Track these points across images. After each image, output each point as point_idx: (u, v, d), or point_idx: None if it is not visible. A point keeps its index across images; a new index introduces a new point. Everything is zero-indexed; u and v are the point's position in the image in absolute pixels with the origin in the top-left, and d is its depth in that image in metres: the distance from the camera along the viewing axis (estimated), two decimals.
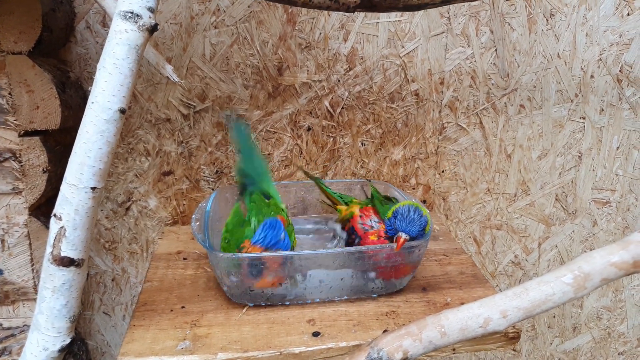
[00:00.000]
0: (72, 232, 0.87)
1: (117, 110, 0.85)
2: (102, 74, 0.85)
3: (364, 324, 1.03)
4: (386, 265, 1.08)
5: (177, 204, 1.47)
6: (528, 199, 1.62)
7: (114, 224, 1.45)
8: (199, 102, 1.39)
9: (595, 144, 1.59)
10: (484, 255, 1.66)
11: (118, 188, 1.43)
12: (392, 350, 0.85)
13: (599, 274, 0.82)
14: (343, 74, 1.42)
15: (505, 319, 0.83)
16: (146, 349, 0.94)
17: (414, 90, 1.47)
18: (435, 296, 1.14)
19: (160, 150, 1.42)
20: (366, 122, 1.48)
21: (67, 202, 0.86)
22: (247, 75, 1.39)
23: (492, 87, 1.50)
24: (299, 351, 0.95)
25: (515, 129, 1.55)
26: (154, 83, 1.36)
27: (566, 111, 1.55)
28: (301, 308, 1.08)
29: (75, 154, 0.85)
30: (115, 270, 1.50)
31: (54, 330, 0.91)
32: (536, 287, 0.84)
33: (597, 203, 1.65)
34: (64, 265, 0.88)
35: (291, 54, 1.39)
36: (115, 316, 1.55)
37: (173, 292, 1.13)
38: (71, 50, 1.31)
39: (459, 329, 0.84)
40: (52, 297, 0.90)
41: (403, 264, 1.09)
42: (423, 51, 1.44)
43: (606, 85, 1.53)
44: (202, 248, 1.31)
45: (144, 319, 1.03)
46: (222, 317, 1.04)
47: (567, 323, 1.78)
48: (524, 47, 1.47)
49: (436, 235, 1.41)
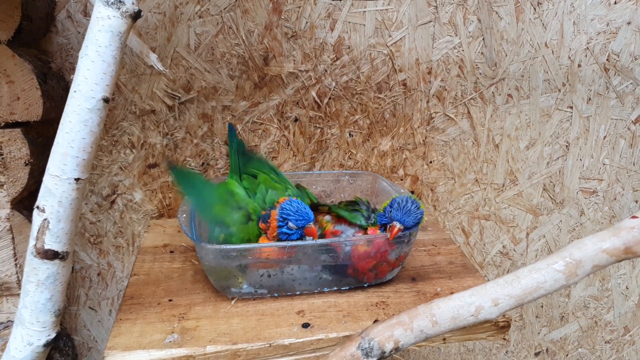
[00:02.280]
0: (55, 225, 0.85)
1: (100, 99, 0.83)
2: (85, 62, 0.83)
3: (353, 314, 1.02)
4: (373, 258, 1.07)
5: (162, 196, 1.44)
6: (516, 189, 1.63)
7: (99, 217, 1.43)
8: (184, 93, 1.37)
9: (582, 133, 1.60)
10: (473, 245, 1.67)
11: (102, 181, 1.40)
12: (383, 340, 0.85)
13: (591, 261, 0.82)
14: (330, 64, 1.41)
15: (497, 307, 0.83)
16: (133, 343, 0.93)
17: (401, 80, 1.46)
18: (425, 286, 1.14)
19: (145, 142, 1.39)
20: (354, 113, 1.47)
21: (50, 193, 0.84)
22: (232, 65, 1.37)
23: (480, 76, 1.49)
24: (288, 343, 0.95)
25: (503, 119, 1.55)
26: (138, 74, 1.33)
27: (554, 100, 1.55)
28: (290, 300, 1.07)
29: (58, 144, 0.83)
30: (101, 265, 1.48)
31: (39, 325, 0.90)
32: (528, 275, 0.83)
33: (585, 192, 1.66)
34: (48, 258, 0.86)
35: (277, 44, 1.37)
36: (102, 311, 1.52)
37: (160, 286, 1.11)
38: (52, 40, 1.28)
39: (450, 317, 0.84)
40: (36, 290, 0.87)
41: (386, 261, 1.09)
42: (410, 40, 1.43)
43: (593, 74, 1.54)
44: (189, 241, 1.29)
45: (131, 313, 1.01)
46: (210, 310, 1.03)
47: (554, 312, 1.79)
48: (511, 36, 1.47)
49: (425, 226, 1.41)
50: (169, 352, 0.92)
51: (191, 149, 1.42)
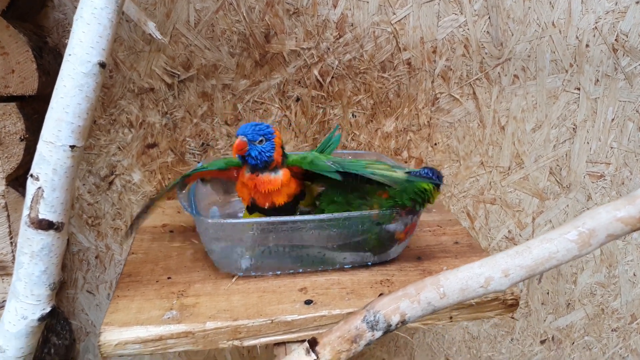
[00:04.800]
0: (50, 194, 0.82)
1: (96, 64, 0.80)
2: (79, 25, 0.80)
3: (357, 292, 1.00)
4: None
5: (162, 177, 1.41)
6: (522, 172, 1.59)
7: (97, 198, 1.40)
8: (184, 70, 1.34)
9: (590, 115, 1.57)
10: (478, 230, 1.63)
11: (100, 161, 1.37)
12: (389, 313, 0.82)
13: (605, 230, 0.79)
14: (333, 42, 1.38)
15: (507, 278, 0.80)
16: (131, 319, 0.90)
17: (405, 59, 1.43)
18: (430, 265, 1.11)
19: (144, 121, 1.36)
20: (357, 93, 1.43)
21: (44, 161, 0.81)
22: (233, 42, 1.34)
23: (486, 56, 1.46)
24: (291, 319, 0.92)
25: (509, 100, 1.51)
26: (137, 51, 1.30)
27: (561, 82, 1.52)
28: (292, 277, 1.04)
29: (52, 109, 0.80)
30: (99, 247, 1.45)
31: (33, 298, 0.87)
32: (539, 245, 0.81)
33: (592, 176, 1.63)
34: (43, 228, 0.83)
35: (279, 21, 1.34)
36: (100, 295, 1.49)
37: (159, 264, 1.08)
38: (48, 15, 1.25)
39: (459, 289, 0.81)
40: (30, 262, 0.85)
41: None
42: (415, 18, 1.40)
43: (601, 54, 1.51)
44: (189, 221, 1.27)
45: (129, 290, 0.99)
46: (210, 287, 1.00)
47: (560, 299, 1.76)
48: (518, 14, 1.43)
49: (429, 208, 1.38)
50: (167, 328, 0.89)
51: (190, 129, 1.39)
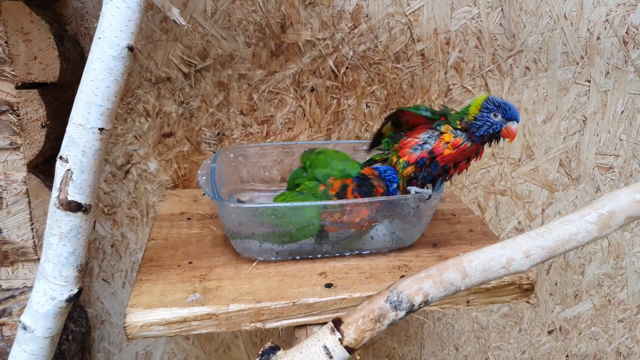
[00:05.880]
0: (79, 176, 0.83)
1: (125, 47, 0.82)
2: (109, 8, 0.81)
3: (376, 276, 1.01)
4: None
5: (178, 167, 1.43)
6: (532, 163, 1.61)
7: (113, 187, 1.41)
8: (200, 60, 1.35)
9: (600, 107, 1.58)
10: (488, 221, 1.65)
11: (117, 150, 1.38)
12: (412, 293, 0.83)
13: (624, 212, 0.81)
14: (347, 32, 1.39)
15: (528, 258, 0.82)
16: (155, 301, 0.92)
17: (419, 50, 1.44)
18: (446, 251, 1.12)
19: (161, 110, 1.38)
20: (371, 83, 1.45)
21: (73, 143, 0.82)
22: (249, 32, 1.35)
23: (498, 48, 1.48)
24: (312, 302, 0.93)
25: (521, 92, 1.53)
26: (154, 40, 1.32)
27: (572, 74, 1.53)
28: (311, 262, 1.06)
29: (82, 92, 0.82)
30: (115, 236, 1.46)
31: (62, 279, 0.88)
32: (560, 227, 0.82)
33: (601, 168, 1.65)
34: (71, 210, 0.84)
35: (294, 11, 1.35)
36: (115, 283, 1.51)
37: (179, 249, 1.10)
38: (67, 4, 1.26)
39: (481, 269, 0.82)
40: (59, 243, 0.86)
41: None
42: (429, 10, 1.41)
43: (612, 47, 1.52)
44: (207, 209, 1.28)
45: (151, 274, 1.00)
46: (232, 272, 1.02)
47: (568, 290, 1.78)
48: (530, 7, 1.45)
49: (443, 197, 1.40)
50: (191, 311, 0.91)
51: (207, 119, 1.40)
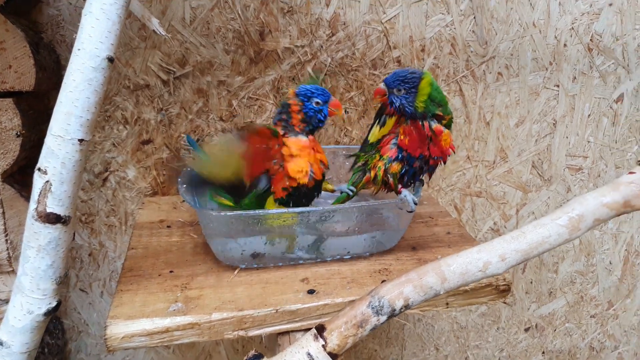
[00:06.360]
0: (58, 187, 0.83)
1: (104, 58, 0.82)
2: (89, 20, 0.81)
3: (358, 281, 1.03)
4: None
5: (157, 174, 1.42)
6: (506, 166, 1.65)
7: (91, 195, 1.40)
8: (179, 67, 1.35)
9: (568, 111, 1.64)
10: (465, 222, 1.69)
11: (95, 158, 1.37)
12: (393, 298, 0.85)
13: (592, 215, 0.84)
14: (325, 40, 1.41)
15: (504, 261, 0.84)
16: (136, 312, 0.91)
17: (395, 57, 1.47)
18: (425, 254, 1.15)
19: (139, 118, 1.37)
20: (349, 89, 1.47)
21: (52, 154, 0.82)
22: (228, 40, 1.36)
23: (471, 54, 1.51)
24: (295, 308, 0.94)
25: (494, 97, 1.57)
26: (132, 47, 1.31)
27: (541, 79, 1.58)
28: (293, 268, 1.07)
29: (61, 103, 0.81)
30: (92, 245, 1.44)
31: (39, 293, 0.87)
32: (533, 230, 0.85)
33: (571, 169, 1.70)
34: (50, 222, 0.84)
35: (273, 19, 1.36)
36: (93, 293, 1.49)
37: (159, 258, 1.10)
38: (43, 11, 1.25)
39: (459, 273, 0.85)
40: (36, 256, 0.85)
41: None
42: (404, 18, 1.44)
43: (578, 53, 1.58)
44: (186, 216, 1.28)
45: (132, 284, 1.00)
46: (213, 280, 1.02)
47: (543, 288, 1.83)
48: (501, 15, 1.49)
49: (420, 200, 1.42)
50: (173, 320, 0.90)
51: (186, 125, 1.40)
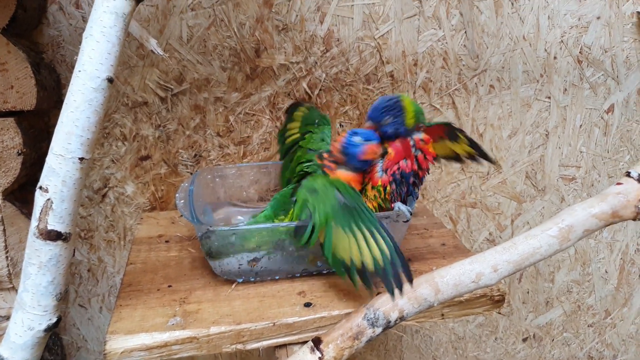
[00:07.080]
0: (59, 205, 0.85)
1: (104, 79, 0.84)
2: (89, 42, 0.84)
3: (354, 293, 1.04)
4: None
5: (155, 189, 1.44)
6: (500, 177, 1.68)
7: (90, 211, 1.42)
8: (177, 84, 1.37)
9: (560, 122, 1.66)
10: (460, 233, 1.71)
11: (94, 174, 1.39)
12: (388, 310, 0.87)
13: (582, 226, 0.86)
14: (320, 56, 1.44)
15: (496, 272, 0.86)
16: (135, 327, 0.92)
17: (389, 72, 1.50)
18: (420, 266, 1.16)
19: (137, 134, 1.39)
20: (344, 104, 1.50)
21: (53, 173, 0.84)
22: (224, 57, 1.38)
23: (463, 68, 1.54)
24: (292, 321, 0.96)
25: (486, 109, 1.60)
26: (131, 65, 1.34)
27: (533, 91, 1.61)
28: (290, 282, 1.08)
29: (62, 123, 0.83)
30: (92, 260, 1.46)
31: (40, 309, 0.88)
32: (524, 241, 0.87)
33: (564, 179, 1.73)
34: (51, 239, 0.85)
35: (268, 36, 1.39)
36: (92, 308, 1.50)
37: (158, 273, 1.11)
38: (43, 32, 1.27)
39: (452, 284, 0.87)
40: (37, 273, 0.87)
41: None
42: (397, 33, 1.47)
43: (568, 66, 1.61)
44: (185, 231, 1.30)
45: (131, 299, 1.01)
46: (211, 294, 1.03)
47: (540, 298, 1.84)
48: (491, 29, 1.53)
49: (415, 212, 1.44)
50: (172, 335, 0.92)
51: (183, 141, 1.42)
